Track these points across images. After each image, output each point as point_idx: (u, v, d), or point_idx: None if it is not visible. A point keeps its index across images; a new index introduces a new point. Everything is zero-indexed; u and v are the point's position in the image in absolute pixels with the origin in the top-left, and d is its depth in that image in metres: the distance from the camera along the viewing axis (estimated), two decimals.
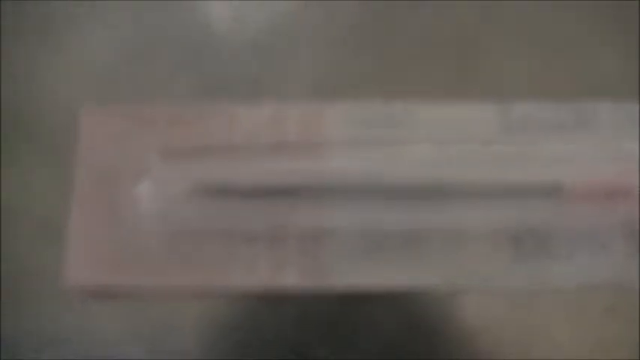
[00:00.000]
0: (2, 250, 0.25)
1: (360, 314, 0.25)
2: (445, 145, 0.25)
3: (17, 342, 0.24)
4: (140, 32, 0.27)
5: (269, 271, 0.24)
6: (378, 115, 0.26)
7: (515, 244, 0.25)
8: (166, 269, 0.24)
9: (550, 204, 0.24)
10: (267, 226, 0.24)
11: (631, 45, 0.27)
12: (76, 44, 0.27)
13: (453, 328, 0.25)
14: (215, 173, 0.24)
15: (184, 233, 0.24)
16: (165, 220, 0.24)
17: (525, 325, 0.24)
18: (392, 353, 0.24)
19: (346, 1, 0.28)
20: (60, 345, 0.24)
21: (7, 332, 0.24)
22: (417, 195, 0.24)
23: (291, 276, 0.24)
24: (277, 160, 0.24)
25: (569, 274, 0.25)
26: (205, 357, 0.24)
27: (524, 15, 0.27)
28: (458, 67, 0.27)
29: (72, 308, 0.24)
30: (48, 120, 0.26)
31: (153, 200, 0.24)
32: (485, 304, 0.24)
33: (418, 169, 0.24)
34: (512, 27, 0.27)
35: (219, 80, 0.27)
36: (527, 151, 0.25)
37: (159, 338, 0.24)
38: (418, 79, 0.26)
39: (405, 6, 0.27)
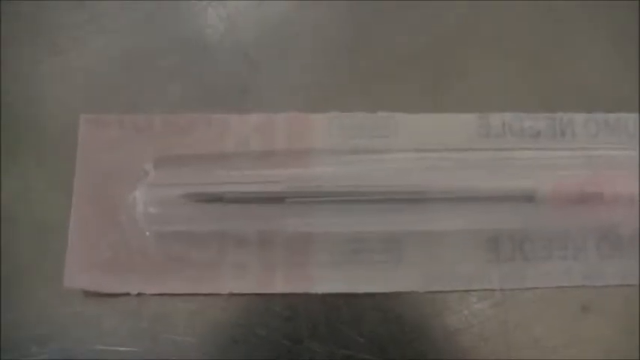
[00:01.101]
0: (2, 252, 0.26)
1: (347, 310, 0.26)
2: (426, 152, 0.26)
3: (17, 341, 0.25)
4: (135, 41, 0.28)
5: (258, 274, 0.25)
6: (362, 124, 0.27)
7: (493, 247, 0.26)
8: (160, 271, 0.25)
9: (526, 208, 0.25)
10: (257, 231, 0.25)
11: (609, 57, 0.28)
12: (74, 52, 0.28)
13: (436, 324, 0.26)
14: (207, 179, 0.25)
15: (177, 237, 0.25)
16: (160, 224, 0.25)
17: (505, 322, 0.26)
18: (378, 348, 0.25)
19: (334, 14, 0.29)
20: (59, 343, 0.25)
21: (7, 332, 0.25)
22: (399, 200, 0.25)
23: (279, 279, 0.25)
24: (266, 168, 0.25)
25: (545, 276, 0.26)
26: (200, 353, 0.25)
27: (502, 27, 0.28)
28: (441, 78, 0.28)
29: (71, 308, 0.25)
30: (47, 125, 0.27)
31: (148, 205, 0.25)
32: (465, 302, 0.25)
33: (400, 175, 0.25)
34: (491, 39, 0.28)
35: (211, 89, 0.27)
36: (504, 158, 0.26)
37: (155, 335, 0.25)
38: (402, 89, 0.27)
39: (391, 20, 0.28)
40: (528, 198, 0.25)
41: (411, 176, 0.25)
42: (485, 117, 0.27)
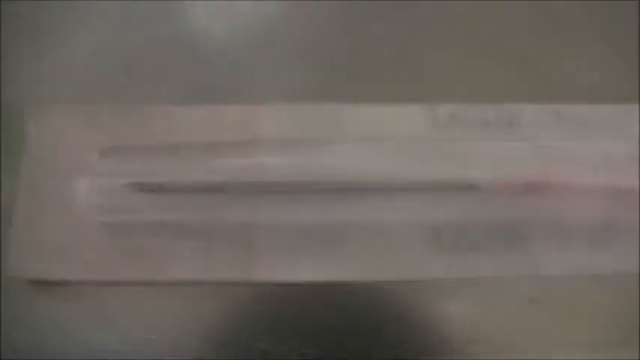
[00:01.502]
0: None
1: (295, 305, 0.26)
2: (370, 143, 0.26)
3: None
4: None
5: (200, 263, 0.25)
6: (309, 115, 0.27)
7: (434, 237, 0.26)
8: (104, 260, 0.25)
9: (469, 198, 0.26)
10: (200, 221, 0.25)
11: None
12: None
13: (381, 316, 0.26)
14: (152, 170, 0.25)
15: (122, 226, 0.25)
16: (104, 214, 0.25)
17: (451, 314, 0.26)
18: (329, 342, 0.25)
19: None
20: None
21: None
22: (344, 191, 0.25)
23: (222, 269, 0.25)
24: (211, 158, 0.25)
25: (487, 266, 0.26)
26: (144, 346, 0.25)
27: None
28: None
29: (21, 297, 0.25)
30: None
31: (92, 195, 0.25)
32: (410, 294, 0.26)
33: (345, 166, 0.26)
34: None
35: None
36: (449, 149, 0.26)
37: (108, 324, 0.25)
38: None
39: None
40: (473, 188, 0.25)
41: (356, 167, 0.25)
42: (433, 108, 0.27)
